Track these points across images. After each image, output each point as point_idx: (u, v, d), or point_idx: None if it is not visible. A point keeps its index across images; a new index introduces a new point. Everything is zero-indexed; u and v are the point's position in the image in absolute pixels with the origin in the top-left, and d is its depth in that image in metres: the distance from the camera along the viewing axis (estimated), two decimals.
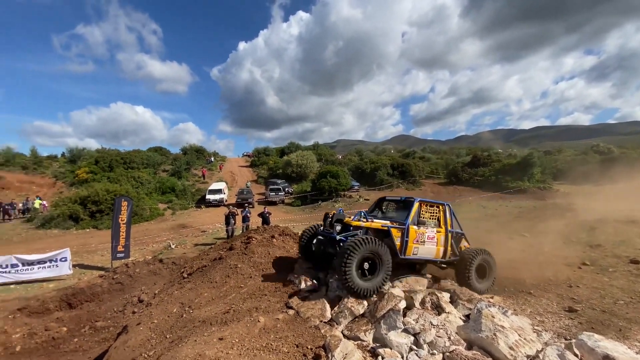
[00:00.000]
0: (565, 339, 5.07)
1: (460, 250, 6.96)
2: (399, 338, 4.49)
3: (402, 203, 7.15)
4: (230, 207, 18.42)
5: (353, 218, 6.28)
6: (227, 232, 16.05)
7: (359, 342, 4.54)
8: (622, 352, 4.02)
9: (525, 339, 4.47)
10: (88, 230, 20.16)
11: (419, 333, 4.59)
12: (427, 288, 6.05)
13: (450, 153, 54.84)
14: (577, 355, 4.18)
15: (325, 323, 4.85)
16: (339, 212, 6.63)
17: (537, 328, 5.54)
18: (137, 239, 16.09)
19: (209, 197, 27.67)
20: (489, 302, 5.97)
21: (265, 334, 4.44)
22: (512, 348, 4.19)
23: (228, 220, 15.92)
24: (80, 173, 30.77)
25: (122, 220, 12.87)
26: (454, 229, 6.95)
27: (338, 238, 5.89)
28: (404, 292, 5.58)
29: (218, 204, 27.11)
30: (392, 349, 4.31)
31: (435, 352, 4.33)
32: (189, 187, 32.79)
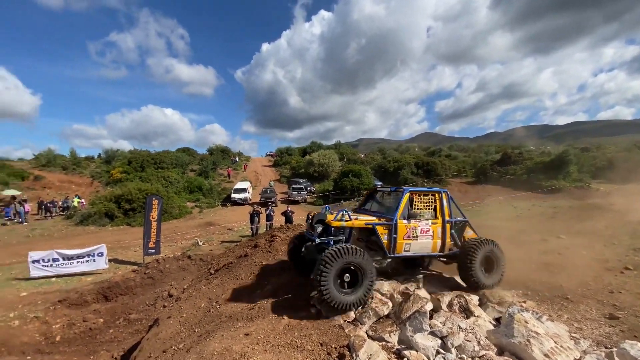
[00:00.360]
0: (606, 348, 4.76)
1: (464, 241, 6.20)
2: (426, 341, 4.39)
3: (393, 194, 6.44)
4: (255, 205, 18.79)
5: (335, 217, 5.67)
6: (251, 230, 16.40)
7: (384, 343, 4.47)
8: None
9: (562, 347, 4.23)
10: (122, 227, 21.24)
11: (447, 336, 4.46)
12: (454, 290, 5.86)
13: (479, 151, 52.76)
14: None
15: (349, 323, 4.82)
16: (324, 210, 6.07)
17: (574, 335, 5.23)
18: (166, 236, 16.75)
19: (234, 196, 28.42)
20: (522, 306, 5.71)
21: (290, 331, 4.49)
22: (547, 355, 3.98)
23: (252, 219, 16.26)
24: (115, 173, 32.51)
25: (153, 218, 13.45)
26: (455, 218, 6.27)
27: (318, 241, 5.38)
28: (430, 293, 5.45)
29: (243, 203, 27.78)
30: (418, 352, 4.22)
31: (464, 356, 4.19)
32: (215, 186, 33.77)
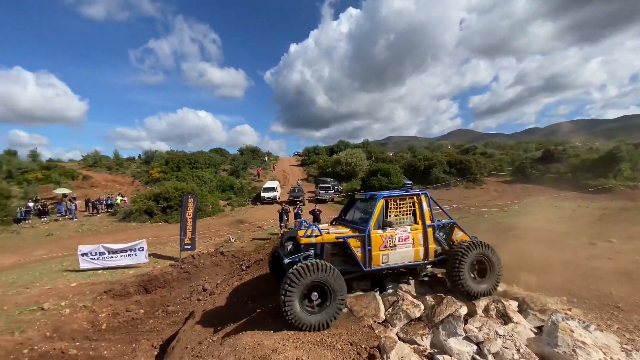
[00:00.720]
0: None
1: (452, 245, 5.71)
2: (460, 346, 4.22)
3: (368, 201, 5.90)
4: (283, 204, 19.06)
5: (304, 233, 5.30)
6: (280, 228, 16.65)
7: (415, 346, 4.36)
8: None
9: (612, 358, 3.90)
10: (160, 224, 22.46)
11: (483, 342, 4.26)
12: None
13: (517, 148, 49.80)
14: None
15: (379, 324, 4.75)
16: (299, 225, 5.65)
17: (626, 347, 4.78)
18: (201, 233, 17.46)
19: (264, 194, 29.09)
20: (566, 314, 5.32)
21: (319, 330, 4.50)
22: None
23: (281, 217, 16.50)
24: (153, 173, 34.46)
25: (188, 215, 14.07)
26: (440, 221, 5.78)
27: (286, 262, 4.99)
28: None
29: (272, 201, 28.33)
30: (451, 357, 4.07)
31: None
32: (246, 185, 34.74)
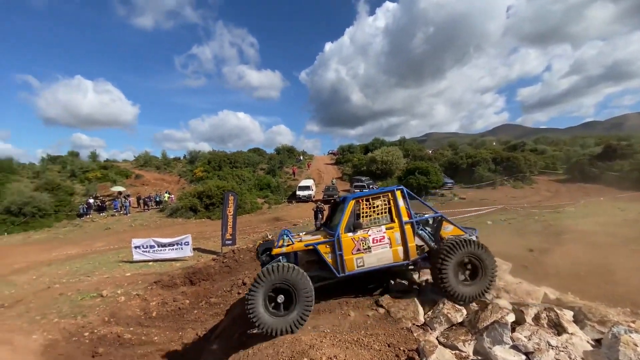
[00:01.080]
0: None
1: (440, 241, 5.13)
2: (507, 355, 3.95)
3: (340, 204, 5.50)
4: (318, 202, 19.20)
5: (276, 243, 5.13)
6: (315, 226, 16.79)
7: (457, 352, 4.17)
8: None
9: None
10: (203, 220, 23.73)
11: (533, 352, 3.95)
12: (542, 302, 5.17)
13: (573, 143, 45.30)
14: None
15: (418, 327, 4.61)
16: (282, 234, 5.41)
17: None
18: (240, 229, 18.15)
19: (299, 193, 29.57)
20: (630, 326, 4.77)
21: (356, 329, 4.47)
22: None
23: (316, 215, 16.65)
24: (197, 172, 36.51)
25: (229, 212, 14.71)
26: (423, 216, 5.34)
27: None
28: (512, 304, 4.90)
29: (307, 200, 28.71)
30: None
31: None
32: (282, 183, 35.57)
